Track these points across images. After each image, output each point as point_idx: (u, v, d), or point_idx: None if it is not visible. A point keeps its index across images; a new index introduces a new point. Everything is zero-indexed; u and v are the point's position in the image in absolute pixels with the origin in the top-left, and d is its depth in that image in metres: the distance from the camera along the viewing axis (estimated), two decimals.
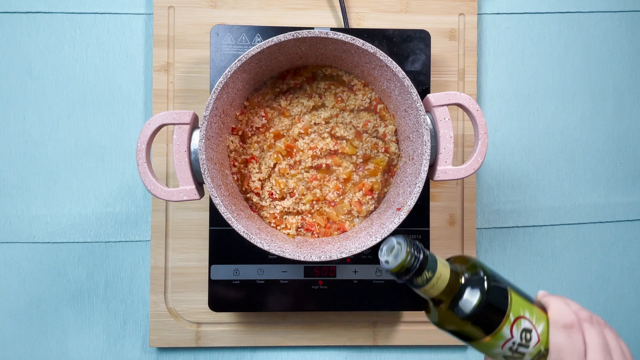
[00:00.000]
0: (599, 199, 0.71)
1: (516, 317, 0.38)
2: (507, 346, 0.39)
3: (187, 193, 0.50)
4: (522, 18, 0.70)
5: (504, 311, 0.38)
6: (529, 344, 0.39)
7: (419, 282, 0.37)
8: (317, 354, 0.67)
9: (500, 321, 0.38)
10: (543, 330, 0.39)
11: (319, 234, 0.57)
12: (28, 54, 0.66)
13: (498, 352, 0.39)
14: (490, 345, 0.39)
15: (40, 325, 0.66)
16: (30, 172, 0.66)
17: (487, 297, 0.38)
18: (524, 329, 0.39)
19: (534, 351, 0.39)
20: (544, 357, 0.39)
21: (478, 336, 0.39)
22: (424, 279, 0.37)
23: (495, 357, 0.40)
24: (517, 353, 0.39)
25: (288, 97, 0.58)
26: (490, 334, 0.38)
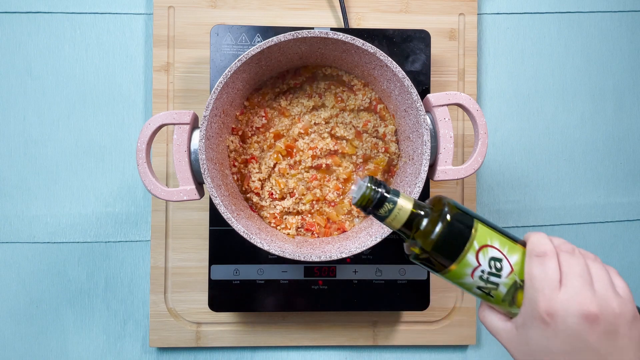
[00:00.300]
0: (599, 199, 0.71)
1: (482, 245, 0.39)
2: (476, 275, 0.39)
3: (187, 193, 0.50)
4: (522, 18, 0.70)
5: (467, 238, 0.39)
6: (500, 273, 0.39)
7: (382, 214, 0.40)
8: (317, 354, 0.67)
9: (463, 248, 0.39)
10: (518, 261, 0.39)
11: (319, 234, 0.57)
12: (28, 54, 0.66)
13: (470, 283, 0.39)
14: (459, 273, 0.39)
15: (40, 325, 0.66)
16: (30, 172, 0.66)
17: (449, 224, 0.39)
18: (492, 257, 0.39)
19: (508, 281, 0.39)
20: (521, 288, 0.39)
21: (445, 264, 0.39)
22: (386, 210, 0.39)
23: (472, 290, 0.40)
24: (490, 283, 0.39)
25: (288, 97, 0.58)
26: (455, 261, 0.39)
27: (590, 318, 0.36)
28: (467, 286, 0.40)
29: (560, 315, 0.36)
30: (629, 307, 0.37)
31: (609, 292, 0.37)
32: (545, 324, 0.37)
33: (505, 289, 0.39)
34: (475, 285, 0.40)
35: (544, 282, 0.37)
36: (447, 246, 0.39)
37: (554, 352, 0.37)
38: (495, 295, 0.40)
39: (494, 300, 0.40)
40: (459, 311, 0.67)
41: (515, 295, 0.39)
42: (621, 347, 0.36)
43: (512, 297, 0.39)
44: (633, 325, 0.37)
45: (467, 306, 0.67)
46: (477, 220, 0.40)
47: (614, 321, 0.36)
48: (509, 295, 0.39)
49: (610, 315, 0.36)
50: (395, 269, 0.62)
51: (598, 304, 0.36)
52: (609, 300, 0.36)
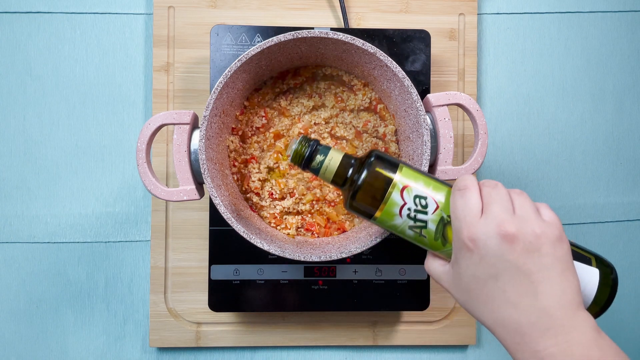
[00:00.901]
0: (599, 199, 0.71)
1: (406, 185, 0.41)
2: (404, 213, 0.41)
3: (187, 193, 0.50)
4: (522, 18, 0.70)
5: (391, 179, 0.41)
6: (426, 210, 0.41)
7: (314, 166, 0.43)
8: (317, 354, 0.67)
9: (388, 187, 0.41)
10: (443, 198, 0.41)
11: (319, 234, 0.57)
12: (28, 54, 0.66)
13: (401, 223, 0.41)
14: (388, 213, 0.41)
15: (40, 325, 0.66)
16: (30, 172, 0.66)
17: (373, 168, 0.42)
18: (416, 195, 0.41)
19: (435, 217, 0.41)
20: (449, 223, 0.41)
21: (374, 205, 0.42)
22: (317, 162, 0.43)
23: (405, 233, 0.42)
24: (419, 221, 0.41)
25: (288, 97, 0.58)
26: (382, 201, 0.41)
27: (509, 237, 0.37)
28: (401, 229, 0.42)
29: (481, 239, 0.37)
30: (552, 229, 0.37)
31: (530, 216, 0.38)
32: (470, 250, 0.38)
33: (434, 225, 0.41)
34: (407, 226, 0.41)
35: (465, 210, 0.39)
36: (373, 188, 0.42)
37: (482, 277, 0.38)
38: (427, 234, 0.41)
39: (427, 241, 0.41)
40: (459, 311, 0.67)
41: (445, 232, 0.41)
42: (545, 265, 0.37)
43: (442, 234, 0.41)
44: (557, 244, 0.37)
45: None
46: (403, 164, 0.43)
47: (534, 240, 0.37)
48: (438, 232, 0.41)
49: (530, 235, 0.37)
50: (395, 269, 0.62)
51: (516, 225, 0.37)
52: (529, 222, 0.37)
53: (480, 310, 0.39)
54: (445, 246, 0.41)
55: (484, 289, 0.38)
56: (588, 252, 0.41)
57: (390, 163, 0.43)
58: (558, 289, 0.37)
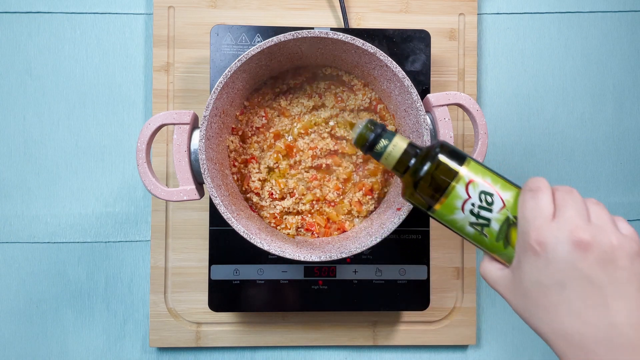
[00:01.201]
0: (598, 199, 0.71)
1: (471, 179, 0.39)
2: (467, 208, 0.39)
3: (187, 193, 0.50)
4: (522, 18, 0.70)
5: (456, 171, 0.40)
6: (491, 207, 0.38)
7: (377, 150, 0.42)
8: (317, 354, 0.67)
9: (453, 179, 0.39)
10: (511, 198, 0.39)
11: (319, 234, 0.57)
12: (28, 54, 0.66)
13: (462, 218, 0.39)
14: (450, 206, 0.39)
15: (40, 325, 0.66)
16: (30, 172, 0.66)
17: (438, 158, 0.40)
18: (482, 190, 0.39)
19: (500, 216, 0.38)
20: (514, 225, 0.38)
21: (436, 196, 0.40)
22: (381, 146, 0.42)
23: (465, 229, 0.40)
24: (482, 218, 0.39)
25: (288, 97, 0.58)
26: (445, 193, 0.39)
27: (582, 245, 0.34)
28: (460, 224, 0.40)
29: (550, 243, 0.35)
30: (630, 243, 0.34)
31: (607, 225, 0.35)
32: (536, 254, 0.35)
33: (498, 225, 0.39)
34: (468, 222, 0.39)
35: (535, 211, 0.36)
36: (437, 178, 0.40)
37: (547, 285, 0.35)
38: (489, 233, 0.39)
39: (488, 241, 0.39)
40: (459, 311, 0.67)
41: (509, 234, 0.39)
42: (620, 280, 0.34)
43: (505, 235, 0.39)
44: (636, 260, 0.34)
45: (467, 306, 0.67)
46: (470, 158, 0.41)
47: (610, 251, 0.34)
48: (502, 232, 0.39)
49: (606, 245, 0.34)
50: (395, 269, 0.62)
51: (591, 233, 0.34)
52: (605, 232, 0.35)
53: (540, 319, 0.36)
54: (507, 249, 0.39)
55: (547, 297, 0.36)
56: None
57: (457, 155, 0.41)
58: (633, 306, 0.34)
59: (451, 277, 0.67)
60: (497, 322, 0.69)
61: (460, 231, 0.41)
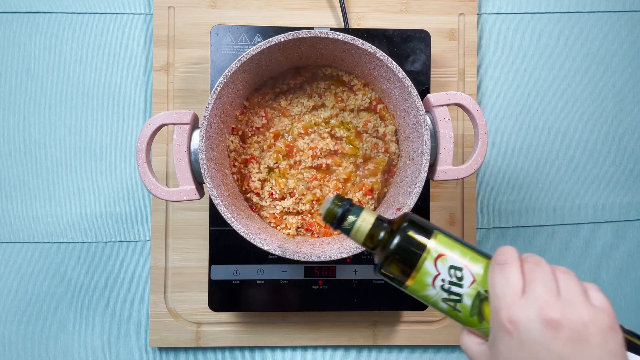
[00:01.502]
0: (599, 199, 0.71)
1: (440, 253, 0.39)
2: (437, 284, 0.39)
3: (187, 193, 0.50)
4: (522, 18, 0.70)
5: (424, 246, 0.39)
6: (461, 282, 0.38)
7: (346, 226, 0.42)
8: (317, 354, 0.67)
9: (421, 255, 0.39)
10: (481, 272, 0.38)
11: (319, 234, 0.57)
12: (28, 54, 0.66)
13: (434, 294, 0.39)
14: (421, 283, 0.39)
15: (40, 325, 0.66)
16: (30, 172, 0.66)
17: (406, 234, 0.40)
18: (451, 265, 0.38)
19: (471, 291, 0.38)
20: (486, 299, 0.38)
21: (406, 273, 0.40)
22: (349, 222, 0.41)
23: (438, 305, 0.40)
24: (453, 294, 0.38)
25: (288, 97, 0.58)
26: (414, 269, 0.39)
27: (552, 323, 0.33)
28: (433, 300, 0.39)
29: (522, 322, 0.34)
30: (602, 317, 0.34)
31: (577, 299, 0.34)
32: (509, 333, 0.34)
33: (470, 300, 0.38)
34: (441, 298, 0.39)
35: (505, 288, 0.35)
36: (405, 255, 0.39)
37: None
38: (462, 309, 0.38)
39: (462, 316, 0.39)
40: None
41: (482, 309, 0.38)
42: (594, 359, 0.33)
43: (479, 310, 0.38)
44: (609, 335, 0.33)
45: None
46: (438, 231, 0.40)
47: (581, 329, 0.33)
48: (475, 308, 0.38)
49: (577, 322, 0.33)
50: None
51: (561, 309, 0.33)
52: (575, 307, 0.34)
53: None
54: (482, 324, 0.38)
55: None
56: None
57: (424, 229, 0.40)
58: None
59: None
60: None
61: (434, 306, 0.40)
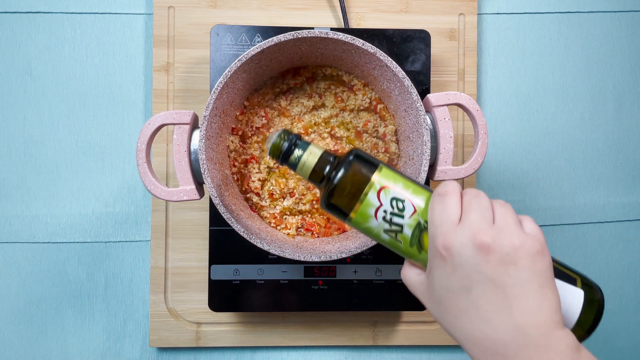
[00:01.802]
0: (599, 199, 0.71)
1: (383, 186, 0.40)
2: (380, 215, 0.39)
3: (187, 193, 0.50)
4: (522, 18, 0.70)
5: (368, 178, 0.40)
6: (402, 213, 0.39)
7: (292, 161, 0.41)
8: (317, 354, 0.67)
9: (364, 187, 0.40)
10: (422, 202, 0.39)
11: (319, 234, 0.57)
12: (28, 54, 0.66)
13: (376, 226, 0.40)
14: (363, 214, 0.40)
15: (40, 325, 0.66)
16: (30, 172, 0.66)
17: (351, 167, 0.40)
18: (393, 197, 0.39)
19: (411, 222, 0.39)
20: (425, 229, 0.39)
21: (350, 207, 0.40)
22: (295, 157, 0.41)
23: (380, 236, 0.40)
24: (394, 224, 0.39)
25: (288, 97, 0.58)
26: (357, 200, 0.40)
27: (484, 248, 0.34)
28: (376, 232, 0.40)
29: (455, 247, 0.35)
30: (532, 242, 0.35)
31: (510, 227, 0.35)
32: (443, 259, 0.36)
33: (410, 230, 0.39)
34: (382, 229, 0.40)
35: (442, 217, 0.36)
36: (349, 187, 0.40)
37: (455, 289, 0.36)
38: (403, 239, 0.39)
39: (402, 247, 0.40)
40: None
41: (421, 239, 0.39)
42: (522, 280, 0.34)
43: (418, 240, 0.39)
44: (537, 258, 0.35)
45: None
46: (383, 165, 0.41)
47: (511, 252, 0.34)
48: (414, 238, 0.39)
49: (507, 246, 0.34)
50: (395, 269, 0.62)
51: (493, 235, 0.35)
52: (507, 233, 0.35)
53: (452, 325, 0.37)
54: (421, 254, 0.40)
55: (456, 302, 0.36)
56: (574, 272, 0.39)
57: (369, 162, 0.41)
58: (534, 305, 0.34)
59: None
60: None
61: (376, 238, 0.41)
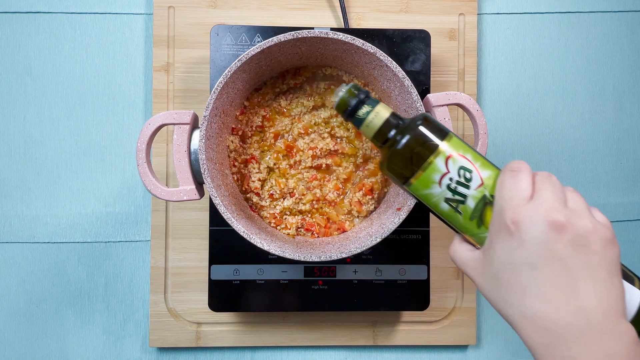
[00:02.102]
0: (599, 199, 0.71)
1: (451, 154, 0.38)
2: (444, 183, 0.38)
3: (187, 193, 0.50)
4: (522, 18, 0.70)
5: (437, 144, 0.39)
6: (469, 183, 0.38)
7: (360, 115, 0.40)
8: (317, 354, 0.67)
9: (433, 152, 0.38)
10: (490, 177, 0.38)
11: (319, 234, 0.57)
12: (28, 54, 0.66)
13: (438, 193, 0.38)
14: (427, 179, 0.38)
15: (40, 325, 0.66)
16: (30, 172, 0.66)
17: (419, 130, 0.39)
18: (461, 166, 0.38)
19: (477, 194, 0.37)
20: (490, 204, 0.37)
21: (413, 170, 0.39)
22: (364, 112, 0.40)
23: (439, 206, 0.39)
24: (458, 194, 0.38)
25: (288, 97, 0.58)
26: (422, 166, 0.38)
27: (557, 226, 0.33)
28: (435, 200, 0.39)
29: (526, 222, 0.34)
30: (604, 229, 0.34)
31: (583, 211, 0.35)
32: (510, 233, 0.35)
33: (474, 202, 0.38)
34: (444, 197, 0.38)
35: (513, 191, 0.35)
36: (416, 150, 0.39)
37: (518, 265, 0.34)
38: (464, 211, 0.38)
39: (462, 219, 0.38)
40: (459, 311, 0.67)
41: (484, 213, 0.38)
42: (592, 264, 0.33)
43: (480, 213, 0.38)
44: (608, 246, 0.34)
45: (467, 306, 0.67)
46: (453, 134, 0.40)
47: (584, 235, 0.33)
48: (477, 211, 0.38)
49: (580, 228, 0.34)
50: (395, 269, 0.62)
51: (567, 215, 0.34)
52: (581, 216, 0.34)
53: (508, 302, 0.35)
54: (480, 228, 0.38)
55: (517, 278, 0.34)
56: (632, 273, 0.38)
57: (439, 129, 0.39)
58: (602, 291, 0.33)
59: (451, 277, 0.67)
60: (497, 322, 0.69)
61: (434, 207, 0.40)
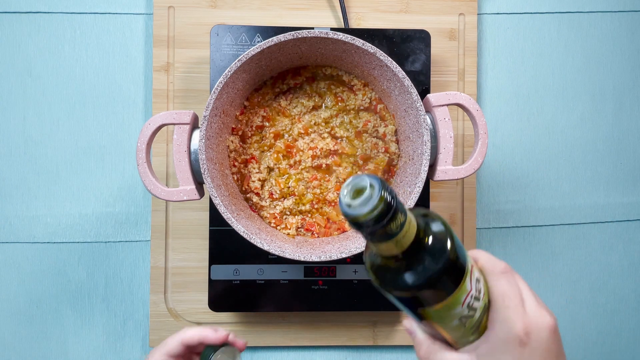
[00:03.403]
0: (599, 199, 0.71)
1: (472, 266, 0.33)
2: (467, 302, 0.32)
3: (187, 193, 0.50)
4: (522, 18, 0.70)
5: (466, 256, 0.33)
6: (480, 295, 0.34)
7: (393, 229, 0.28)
8: (317, 354, 0.67)
9: (464, 271, 0.32)
10: (484, 282, 0.35)
11: (319, 234, 0.57)
12: (28, 54, 0.66)
13: (457, 313, 0.33)
14: (453, 304, 0.32)
15: (40, 325, 0.66)
16: (30, 172, 0.66)
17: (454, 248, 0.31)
18: (477, 278, 0.33)
19: (482, 304, 0.34)
20: (487, 310, 0.34)
21: (442, 296, 0.31)
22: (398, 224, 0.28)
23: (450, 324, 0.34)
24: (471, 309, 0.33)
25: (288, 97, 0.58)
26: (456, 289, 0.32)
27: (554, 328, 0.35)
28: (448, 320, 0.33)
29: (534, 331, 0.34)
30: None
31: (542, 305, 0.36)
32: (523, 344, 0.33)
33: (479, 313, 0.34)
34: (458, 317, 0.33)
35: (516, 299, 0.34)
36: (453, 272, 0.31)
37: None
38: (468, 324, 0.34)
39: (462, 331, 0.34)
40: None
41: (482, 321, 0.34)
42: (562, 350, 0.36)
43: (480, 322, 0.34)
44: None
45: None
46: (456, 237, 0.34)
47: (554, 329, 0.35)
48: (479, 321, 0.34)
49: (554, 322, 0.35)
50: None
51: (550, 313, 0.35)
52: (548, 311, 0.36)
53: None
54: (473, 335, 0.34)
55: None
56: None
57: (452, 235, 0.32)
58: None
59: None
60: None
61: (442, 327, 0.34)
